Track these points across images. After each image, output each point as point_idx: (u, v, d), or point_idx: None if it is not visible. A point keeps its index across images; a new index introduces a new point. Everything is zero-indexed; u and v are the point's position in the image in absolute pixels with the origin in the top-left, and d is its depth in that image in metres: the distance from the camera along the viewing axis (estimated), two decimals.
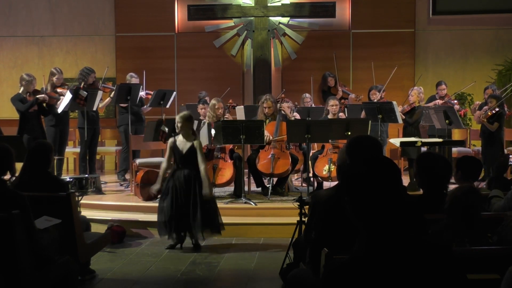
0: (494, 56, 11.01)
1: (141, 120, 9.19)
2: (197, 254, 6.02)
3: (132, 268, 5.56)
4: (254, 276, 5.36)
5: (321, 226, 3.46)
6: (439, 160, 3.65)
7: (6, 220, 3.61)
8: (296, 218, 5.20)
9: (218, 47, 11.27)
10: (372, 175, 1.91)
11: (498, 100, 8.66)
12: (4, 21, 11.54)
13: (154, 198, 7.51)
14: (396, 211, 1.89)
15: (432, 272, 1.87)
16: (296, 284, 3.71)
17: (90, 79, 8.85)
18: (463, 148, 9.21)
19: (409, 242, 1.89)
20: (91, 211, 7.07)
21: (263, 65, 10.74)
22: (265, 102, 7.88)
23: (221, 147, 7.68)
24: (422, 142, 7.44)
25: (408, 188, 7.69)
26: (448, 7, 11.25)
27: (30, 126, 8.20)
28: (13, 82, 10.33)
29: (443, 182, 3.62)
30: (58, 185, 4.74)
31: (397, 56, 11.02)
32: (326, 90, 10.59)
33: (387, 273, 1.83)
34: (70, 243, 4.45)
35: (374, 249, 1.87)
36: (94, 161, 9.24)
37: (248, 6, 10.82)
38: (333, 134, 7.54)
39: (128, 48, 11.32)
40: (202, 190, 6.03)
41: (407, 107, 8.62)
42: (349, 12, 11.20)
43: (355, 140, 3.46)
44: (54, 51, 11.51)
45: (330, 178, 7.50)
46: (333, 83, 10.60)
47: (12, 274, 3.65)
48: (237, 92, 11.03)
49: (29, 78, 8.24)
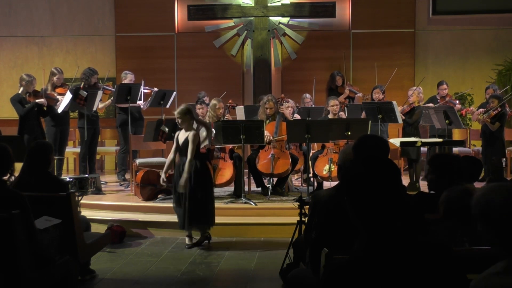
0: (494, 56, 11.01)
1: (141, 120, 9.19)
2: (197, 254, 6.02)
3: (132, 268, 5.56)
4: (254, 276, 5.36)
5: (321, 226, 3.47)
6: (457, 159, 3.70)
7: (6, 220, 3.61)
8: (296, 218, 5.21)
9: (218, 47, 11.27)
10: (372, 175, 1.91)
11: (500, 100, 8.67)
12: (4, 21, 11.54)
13: (154, 198, 7.53)
14: (396, 211, 1.89)
15: (432, 272, 1.87)
16: (296, 284, 3.72)
17: (93, 80, 8.85)
18: (463, 148, 9.21)
19: (409, 242, 1.89)
20: (91, 211, 7.07)
21: (263, 65, 10.74)
22: (267, 103, 7.88)
23: (221, 147, 7.68)
24: (422, 142, 7.44)
25: (408, 188, 7.70)
26: (448, 7, 11.24)
27: (30, 126, 8.21)
28: (13, 82, 10.33)
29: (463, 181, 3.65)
30: (58, 185, 4.74)
31: (397, 56, 11.02)
32: (334, 89, 10.59)
33: (387, 273, 1.83)
34: (70, 243, 4.44)
35: (374, 249, 1.87)
36: (94, 161, 9.24)
37: (248, 6, 10.82)
38: (333, 134, 7.55)
39: (128, 48, 11.31)
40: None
41: (407, 107, 8.62)
42: (349, 12, 11.19)
43: (360, 139, 3.48)
44: (54, 51, 11.51)
45: (330, 178, 7.50)
46: (340, 82, 10.60)
47: (12, 274, 3.65)
48: (237, 92, 11.03)
49: (29, 79, 8.24)
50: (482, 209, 1.82)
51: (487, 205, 1.80)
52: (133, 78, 9.15)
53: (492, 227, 1.80)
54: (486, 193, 1.83)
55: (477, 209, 1.83)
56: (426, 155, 8.69)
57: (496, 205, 1.78)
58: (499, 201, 1.78)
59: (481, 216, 1.82)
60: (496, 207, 1.78)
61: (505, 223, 1.77)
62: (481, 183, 7.09)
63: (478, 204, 1.83)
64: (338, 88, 10.58)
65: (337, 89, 10.56)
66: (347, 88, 10.46)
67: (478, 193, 1.87)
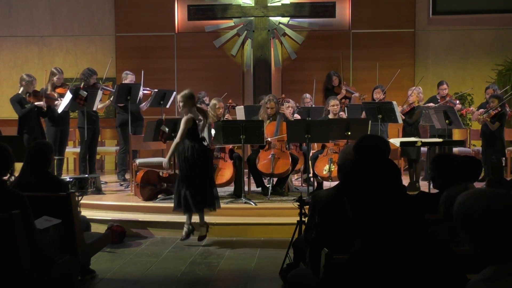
0: (494, 56, 11.01)
1: (141, 120, 9.18)
2: (197, 254, 6.02)
3: (132, 268, 5.56)
4: (254, 276, 5.36)
5: (321, 226, 3.47)
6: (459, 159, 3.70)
7: (6, 220, 3.61)
8: (296, 218, 5.21)
9: (218, 47, 11.27)
10: (372, 175, 1.91)
11: (500, 100, 8.66)
12: (4, 21, 11.54)
13: (154, 198, 7.53)
14: (396, 211, 1.89)
15: (432, 272, 1.87)
16: (296, 284, 3.72)
17: (92, 81, 8.85)
18: (463, 148, 9.21)
19: (409, 242, 1.89)
20: (91, 211, 7.06)
21: (263, 65, 10.74)
22: (268, 103, 7.88)
23: (221, 147, 7.68)
24: (422, 142, 7.43)
25: (408, 188, 7.70)
26: (448, 7, 11.24)
27: (30, 126, 8.21)
28: (13, 82, 10.33)
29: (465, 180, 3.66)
30: (58, 185, 4.74)
31: (397, 56, 11.02)
32: (330, 89, 10.60)
33: (387, 273, 1.83)
34: (70, 243, 4.44)
35: (374, 249, 1.87)
36: (94, 161, 9.24)
37: (248, 6, 10.82)
38: (333, 134, 7.55)
39: (128, 48, 11.32)
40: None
41: (407, 107, 8.62)
42: (349, 12, 11.19)
43: (361, 139, 3.48)
44: (54, 51, 11.51)
45: (330, 178, 7.49)
46: (337, 83, 10.60)
47: (12, 274, 3.65)
48: (237, 92, 11.03)
49: (29, 79, 8.25)
50: (462, 217, 1.81)
51: (467, 214, 1.80)
52: (134, 78, 9.16)
53: (474, 235, 1.80)
54: (465, 201, 1.83)
55: (458, 218, 1.83)
56: (426, 155, 8.68)
57: (475, 212, 1.78)
58: (478, 209, 1.77)
59: (462, 224, 1.82)
60: (475, 215, 1.78)
61: (485, 230, 1.77)
62: (481, 183, 7.11)
63: (458, 212, 1.83)
64: (335, 88, 10.58)
65: (334, 89, 10.56)
66: (344, 88, 10.46)
67: (457, 201, 1.86)
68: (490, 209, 1.76)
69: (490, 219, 1.76)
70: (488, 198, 1.78)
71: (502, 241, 1.76)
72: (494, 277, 1.76)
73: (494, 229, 1.76)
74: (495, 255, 1.78)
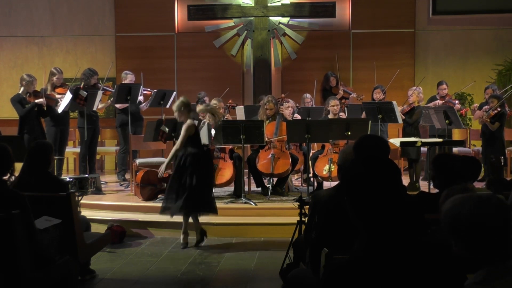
0: (494, 56, 11.01)
1: (140, 120, 9.18)
2: (197, 254, 6.02)
3: (132, 268, 5.56)
4: (254, 276, 5.36)
5: (321, 226, 3.47)
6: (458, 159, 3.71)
7: (6, 220, 3.61)
8: (296, 218, 5.21)
9: (218, 47, 11.27)
10: (372, 175, 1.92)
11: (499, 100, 8.66)
12: (4, 21, 11.54)
13: (154, 198, 7.53)
14: (396, 211, 1.89)
15: (432, 272, 1.87)
16: (296, 284, 3.71)
17: (92, 81, 8.84)
18: (463, 148, 9.21)
19: (409, 242, 1.89)
20: (91, 211, 7.07)
21: (263, 65, 10.74)
22: (267, 104, 7.89)
23: (221, 147, 7.68)
24: (422, 142, 7.43)
25: (408, 188, 7.70)
26: (448, 7, 11.24)
27: (30, 126, 8.21)
28: (13, 82, 10.34)
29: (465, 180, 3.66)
30: (58, 185, 4.74)
31: (397, 56, 11.02)
32: (328, 89, 10.61)
33: (387, 273, 1.83)
34: (70, 243, 4.45)
35: (374, 249, 1.87)
36: (94, 161, 9.24)
37: (248, 6, 10.82)
38: (333, 134, 7.55)
39: (128, 48, 11.32)
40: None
41: (407, 107, 8.62)
42: (349, 12, 11.19)
43: (361, 139, 3.48)
44: (54, 51, 11.51)
45: (330, 178, 7.50)
46: (334, 83, 10.61)
47: (12, 274, 3.65)
48: (237, 92, 11.03)
49: (30, 79, 8.25)
50: (449, 222, 1.85)
51: (454, 218, 1.84)
52: (133, 78, 9.16)
53: (461, 239, 1.84)
54: (452, 206, 1.86)
55: (446, 223, 1.87)
56: (426, 155, 8.68)
57: (462, 217, 1.82)
58: (465, 214, 1.82)
59: (450, 229, 1.86)
60: (462, 219, 1.82)
61: (472, 234, 1.81)
62: (481, 183, 7.11)
63: (446, 218, 1.87)
64: (332, 88, 10.60)
65: (331, 89, 10.57)
66: (341, 88, 10.47)
67: (445, 206, 1.90)
68: (475, 214, 1.81)
69: (475, 224, 1.81)
70: (474, 204, 1.83)
71: (486, 245, 1.81)
72: (486, 280, 1.80)
73: (479, 233, 1.81)
74: (482, 258, 1.82)
